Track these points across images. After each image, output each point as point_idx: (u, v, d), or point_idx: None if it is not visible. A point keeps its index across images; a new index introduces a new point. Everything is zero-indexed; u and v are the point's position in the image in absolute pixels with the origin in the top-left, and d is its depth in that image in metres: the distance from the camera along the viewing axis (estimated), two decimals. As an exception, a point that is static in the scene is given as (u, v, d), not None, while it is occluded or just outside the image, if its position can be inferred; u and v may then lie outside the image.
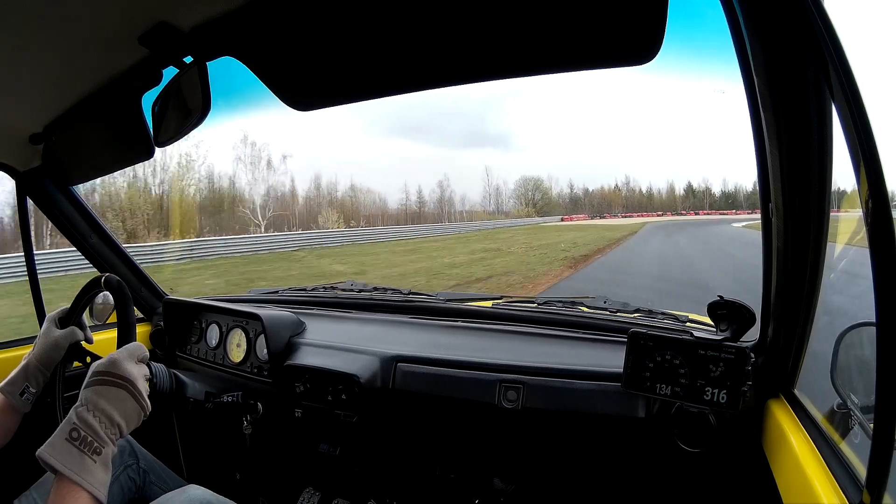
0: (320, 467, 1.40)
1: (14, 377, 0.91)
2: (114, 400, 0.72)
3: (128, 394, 0.73)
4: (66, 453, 0.67)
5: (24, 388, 0.90)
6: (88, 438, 0.68)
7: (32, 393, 0.91)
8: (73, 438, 0.68)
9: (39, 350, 0.93)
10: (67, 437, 0.68)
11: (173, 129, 0.81)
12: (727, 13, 0.57)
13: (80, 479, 0.66)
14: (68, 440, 0.67)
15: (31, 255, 1.37)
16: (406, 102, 43.12)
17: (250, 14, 0.66)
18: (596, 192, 59.99)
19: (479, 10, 0.59)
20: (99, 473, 0.68)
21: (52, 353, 0.93)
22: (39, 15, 0.65)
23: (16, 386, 0.90)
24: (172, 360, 1.54)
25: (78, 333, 0.97)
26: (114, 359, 0.76)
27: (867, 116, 0.45)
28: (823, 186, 0.64)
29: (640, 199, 60.50)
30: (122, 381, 0.73)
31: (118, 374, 0.74)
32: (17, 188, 1.29)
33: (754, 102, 0.63)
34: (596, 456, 1.14)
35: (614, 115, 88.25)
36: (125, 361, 0.76)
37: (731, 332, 0.94)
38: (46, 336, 0.94)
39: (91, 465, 0.67)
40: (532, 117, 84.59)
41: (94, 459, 0.67)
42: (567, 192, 58.23)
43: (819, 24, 0.47)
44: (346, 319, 1.49)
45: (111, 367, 0.74)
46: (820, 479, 0.68)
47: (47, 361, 0.93)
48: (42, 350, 0.93)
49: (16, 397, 0.90)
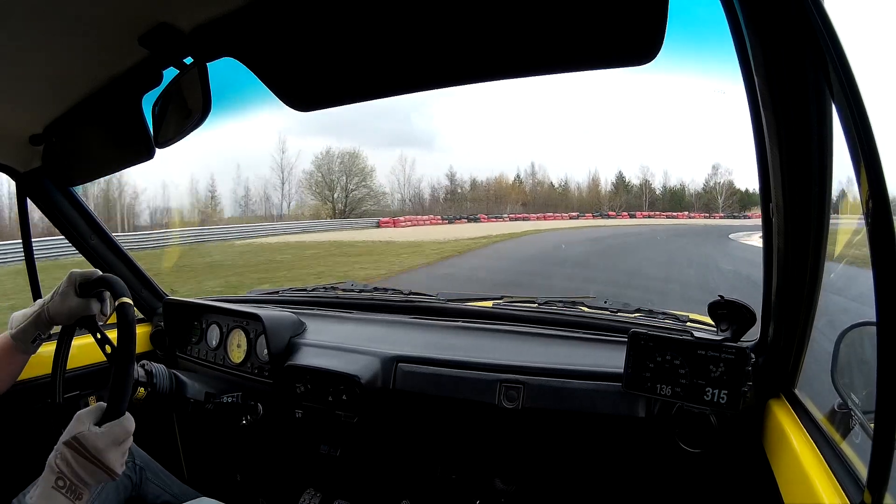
0: (321, 468, 1.40)
1: (26, 327, 0.96)
2: (92, 474, 0.75)
3: (105, 474, 0.76)
4: (55, 501, 0.71)
5: (36, 336, 0.97)
6: (73, 486, 0.73)
7: (42, 339, 0.98)
8: (59, 487, 0.72)
9: (54, 308, 0.95)
10: (54, 486, 0.72)
11: (173, 129, 0.81)
12: (727, 13, 0.57)
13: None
14: (55, 488, 0.72)
15: (31, 255, 1.37)
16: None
17: (250, 15, 0.66)
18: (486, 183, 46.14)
19: (479, 11, 0.59)
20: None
21: (65, 316, 0.96)
22: (40, 16, 0.65)
23: (28, 335, 0.96)
24: (173, 360, 1.54)
25: (93, 307, 0.98)
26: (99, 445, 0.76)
27: (867, 116, 0.45)
28: (823, 186, 0.64)
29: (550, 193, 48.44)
30: (102, 467, 0.76)
31: (100, 460, 0.76)
32: (17, 189, 1.29)
33: (754, 102, 0.63)
34: (597, 456, 1.14)
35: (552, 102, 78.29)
36: (110, 451, 0.77)
37: (731, 332, 0.94)
38: (64, 297, 0.95)
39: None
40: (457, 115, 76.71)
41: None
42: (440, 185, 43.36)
43: (819, 24, 0.48)
44: (346, 320, 1.49)
45: (94, 451, 0.75)
46: (821, 479, 0.68)
47: (59, 320, 0.97)
48: (56, 309, 0.95)
49: (27, 344, 0.97)
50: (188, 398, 1.14)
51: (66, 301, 0.94)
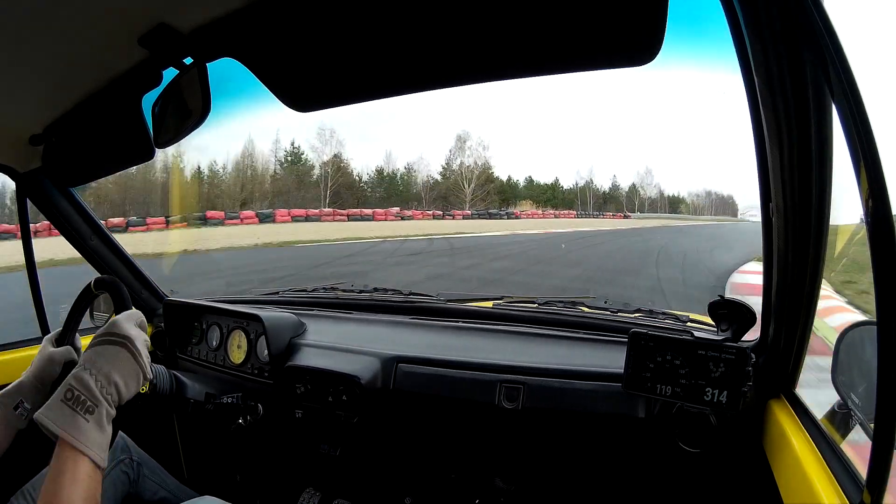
0: (321, 468, 1.40)
1: (9, 391, 0.90)
2: (112, 358, 0.72)
3: (127, 352, 0.73)
4: (60, 413, 0.67)
5: (19, 402, 0.88)
6: (82, 397, 0.68)
7: (27, 409, 0.89)
8: (67, 399, 0.68)
9: (34, 367, 0.92)
10: (62, 399, 0.68)
11: (173, 130, 0.81)
12: (727, 13, 0.57)
13: (72, 438, 0.66)
14: (63, 401, 0.67)
15: (31, 255, 1.37)
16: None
17: (250, 15, 0.65)
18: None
19: (479, 12, 0.59)
20: (92, 433, 0.67)
21: (48, 370, 0.92)
22: (39, 16, 0.65)
23: (10, 399, 0.89)
24: (173, 361, 1.54)
25: (73, 353, 0.96)
26: (113, 320, 0.76)
27: (867, 116, 0.45)
28: (823, 186, 0.64)
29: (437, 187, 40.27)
30: (121, 340, 0.73)
31: (117, 332, 0.74)
32: (17, 189, 1.29)
33: (754, 102, 0.63)
34: (597, 456, 1.14)
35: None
36: (125, 323, 0.76)
37: (731, 332, 0.94)
38: (42, 353, 0.93)
39: (83, 423, 0.67)
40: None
41: (86, 419, 0.67)
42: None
43: (819, 24, 0.48)
44: (346, 320, 1.49)
45: (110, 328, 0.75)
46: (820, 479, 0.68)
47: (43, 378, 0.92)
48: (37, 367, 0.91)
49: (9, 410, 0.88)
50: (188, 399, 1.14)
51: (44, 354, 0.92)
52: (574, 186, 52.07)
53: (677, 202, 60.60)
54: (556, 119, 76.08)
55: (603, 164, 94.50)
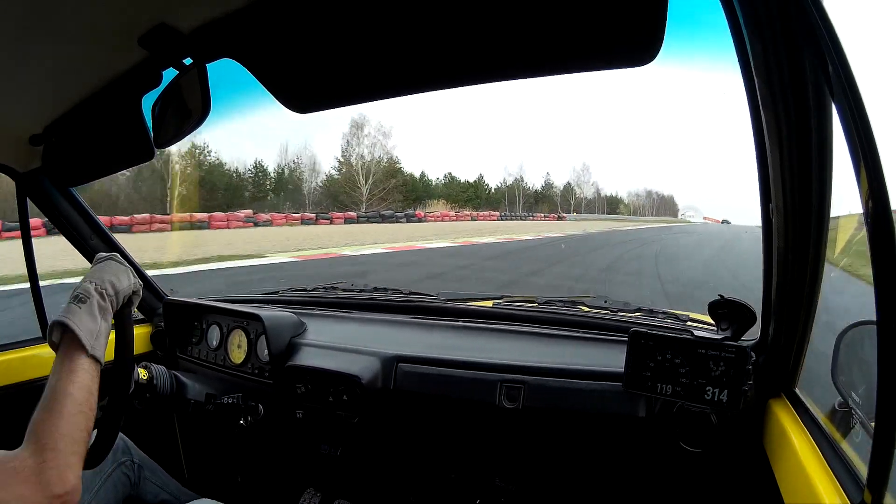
0: (321, 468, 1.40)
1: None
2: (103, 266, 0.85)
3: (114, 261, 0.86)
4: (64, 309, 0.76)
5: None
6: (81, 295, 0.78)
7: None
8: (71, 300, 0.78)
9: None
10: (69, 300, 0.78)
11: (173, 130, 0.81)
12: (727, 13, 0.57)
13: (65, 318, 0.74)
14: (68, 301, 0.78)
15: (31, 255, 1.37)
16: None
17: (249, 16, 0.65)
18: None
19: (478, 12, 0.59)
20: (83, 317, 0.76)
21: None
22: (39, 16, 0.65)
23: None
24: (173, 361, 1.54)
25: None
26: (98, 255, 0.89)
27: (867, 116, 0.45)
28: (823, 186, 0.64)
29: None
30: (108, 256, 0.88)
31: (104, 255, 0.88)
32: (17, 189, 1.29)
33: (754, 102, 0.63)
34: (597, 456, 1.14)
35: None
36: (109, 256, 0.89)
37: (731, 331, 0.94)
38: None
39: (76, 310, 0.76)
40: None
41: (78, 306, 0.77)
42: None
43: (819, 24, 0.47)
44: (346, 320, 1.49)
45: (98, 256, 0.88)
46: (821, 479, 0.68)
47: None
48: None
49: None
50: (189, 399, 1.14)
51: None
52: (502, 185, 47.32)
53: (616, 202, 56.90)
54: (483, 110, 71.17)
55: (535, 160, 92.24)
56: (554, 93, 69.77)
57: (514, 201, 46.03)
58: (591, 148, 76.56)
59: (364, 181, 35.20)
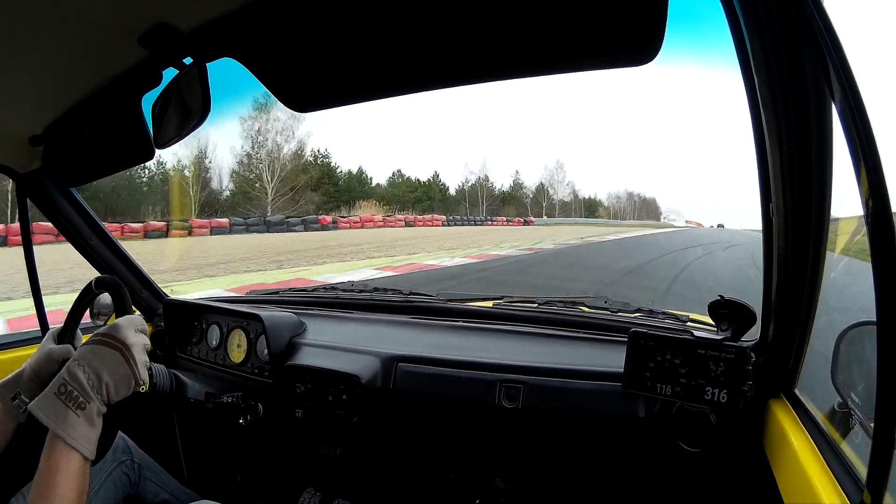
0: (321, 468, 1.40)
1: (7, 380, 0.91)
2: (106, 360, 0.73)
3: (121, 356, 0.75)
4: (53, 407, 0.69)
5: (17, 393, 0.89)
6: (74, 393, 0.70)
7: (24, 401, 0.89)
8: (60, 393, 0.70)
9: (34, 361, 0.92)
10: (56, 392, 0.70)
11: (173, 130, 0.81)
12: (727, 13, 0.57)
13: (62, 432, 0.68)
14: (56, 394, 0.70)
15: (31, 255, 1.37)
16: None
17: (250, 15, 0.65)
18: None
19: (478, 11, 0.59)
20: (82, 428, 0.69)
21: (45, 366, 0.92)
22: (39, 16, 0.65)
23: (7, 390, 0.90)
24: (173, 360, 1.54)
25: (71, 351, 0.95)
26: (114, 323, 0.78)
27: (867, 116, 0.45)
28: (823, 186, 0.64)
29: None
30: (117, 344, 0.75)
31: (115, 336, 0.76)
32: (17, 190, 1.29)
33: (754, 102, 0.63)
34: (597, 456, 1.14)
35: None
36: (125, 328, 0.78)
37: (731, 331, 0.94)
38: (42, 349, 0.94)
39: (74, 419, 0.69)
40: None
41: (77, 414, 0.69)
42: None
43: (819, 24, 0.47)
44: (346, 320, 1.49)
45: (110, 330, 0.76)
46: (821, 479, 0.68)
47: (40, 373, 0.92)
48: (36, 361, 0.92)
49: (7, 401, 0.89)
50: (188, 398, 1.14)
51: (45, 350, 0.93)
52: (464, 184, 41.06)
53: (595, 205, 51.74)
54: (441, 100, 63.03)
55: (503, 157, 79.71)
56: (524, 83, 61.14)
57: (476, 203, 40.51)
58: (566, 145, 70.60)
59: (269, 178, 28.22)
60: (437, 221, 31.85)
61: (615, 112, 76.86)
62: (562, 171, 47.58)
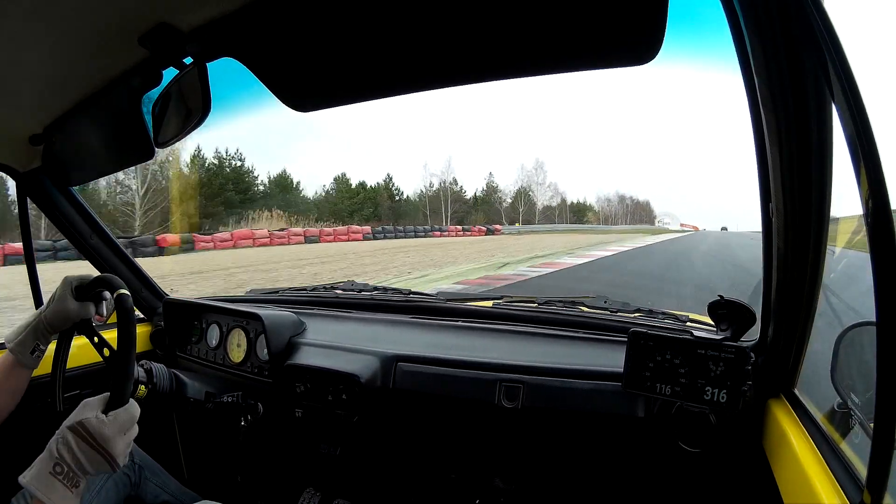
0: (321, 467, 1.40)
1: (23, 338, 0.93)
2: (92, 461, 0.74)
3: (106, 463, 0.75)
4: (51, 486, 0.70)
5: (35, 346, 0.93)
6: (70, 474, 0.71)
7: (42, 350, 0.94)
8: (57, 473, 0.70)
9: (52, 315, 0.93)
10: (51, 472, 0.70)
11: (173, 129, 0.81)
12: (727, 13, 0.57)
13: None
14: (52, 474, 0.70)
15: (31, 255, 1.37)
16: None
17: (250, 15, 0.65)
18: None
19: (478, 11, 0.59)
20: (70, 501, 0.70)
21: (62, 321, 0.94)
22: (39, 16, 0.65)
23: (26, 346, 0.93)
24: (172, 360, 1.54)
25: (91, 311, 0.97)
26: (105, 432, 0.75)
27: (867, 116, 0.45)
28: (823, 186, 0.64)
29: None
30: (105, 455, 0.75)
31: (105, 449, 0.75)
32: (17, 189, 1.30)
33: (754, 102, 0.63)
34: (596, 456, 1.14)
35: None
36: (115, 439, 0.76)
37: (731, 331, 0.94)
38: (61, 303, 0.94)
39: (65, 492, 0.70)
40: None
41: (71, 491, 0.70)
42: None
43: (819, 24, 0.47)
44: (346, 319, 1.49)
45: (100, 438, 0.74)
46: (820, 479, 0.68)
47: (57, 326, 0.94)
48: (54, 315, 0.93)
49: (26, 356, 0.92)
50: (188, 398, 1.14)
51: (63, 305, 0.93)
52: (426, 189, 35.36)
53: (583, 210, 46.79)
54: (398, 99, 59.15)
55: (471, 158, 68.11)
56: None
57: (438, 210, 35.14)
58: (548, 145, 63.37)
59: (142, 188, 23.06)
60: (356, 235, 26.29)
61: (604, 109, 73.65)
62: (542, 171, 43.18)
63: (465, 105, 62.55)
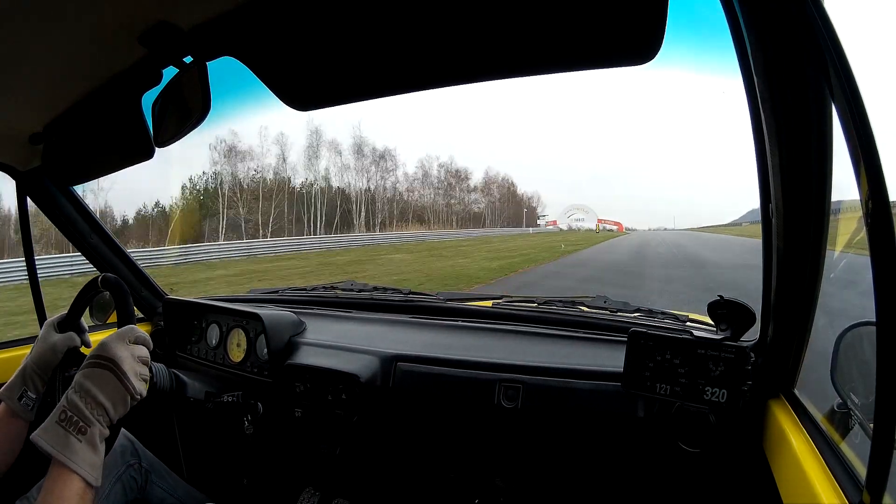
0: (320, 467, 1.40)
1: (11, 382, 0.90)
2: (98, 381, 0.73)
3: (112, 375, 0.74)
4: (55, 435, 0.69)
5: (23, 392, 0.90)
6: (74, 419, 0.70)
7: (31, 398, 0.90)
8: (61, 420, 0.70)
9: (36, 354, 0.92)
10: (57, 420, 0.70)
11: (173, 129, 0.81)
12: (727, 13, 0.57)
13: (66, 458, 0.67)
14: (58, 422, 0.69)
15: (31, 255, 1.37)
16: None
17: (250, 14, 0.65)
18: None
19: (478, 10, 0.59)
20: (85, 453, 0.69)
21: (49, 357, 0.93)
22: (39, 15, 0.65)
23: (13, 391, 0.90)
24: (173, 359, 1.54)
25: (75, 339, 0.96)
26: (103, 342, 0.77)
27: (867, 116, 0.45)
28: (823, 186, 0.64)
29: None
30: (107, 363, 0.74)
31: (104, 355, 0.75)
32: (17, 188, 1.29)
33: (754, 102, 0.63)
34: (596, 455, 1.14)
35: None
36: (113, 343, 0.77)
37: (731, 331, 0.94)
38: (44, 340, 0.93)
39: (76, 444, 0.69)
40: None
41: (79, 439, 0.69)
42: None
43: (819, 24, 0.47)
44: (346, 319, 1.49)
45: (99, 350, 0.76)
46: (820, 479, 0.68)
47: (44, 365, 0.92)
48: (39, 354, 0.92)
49: (14, 402, 0.89)
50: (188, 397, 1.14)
51: (47, 341, 0.93)
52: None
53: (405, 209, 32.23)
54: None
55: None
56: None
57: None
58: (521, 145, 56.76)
59: None
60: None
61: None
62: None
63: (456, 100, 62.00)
